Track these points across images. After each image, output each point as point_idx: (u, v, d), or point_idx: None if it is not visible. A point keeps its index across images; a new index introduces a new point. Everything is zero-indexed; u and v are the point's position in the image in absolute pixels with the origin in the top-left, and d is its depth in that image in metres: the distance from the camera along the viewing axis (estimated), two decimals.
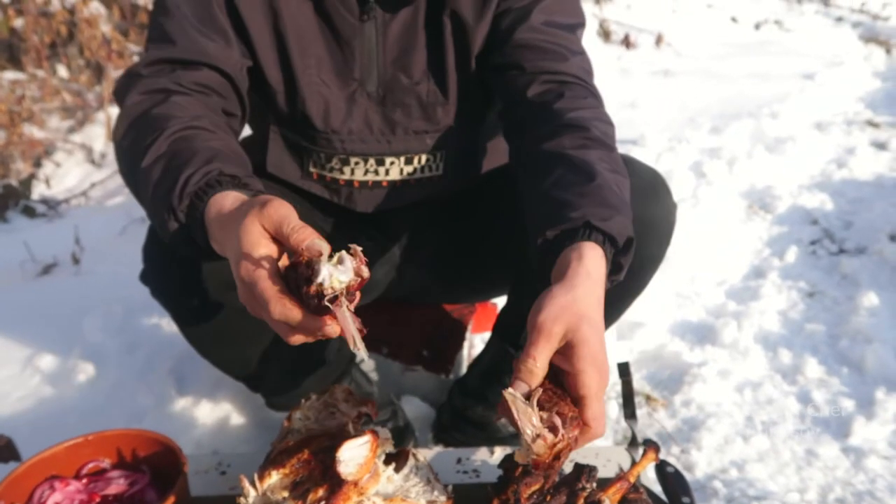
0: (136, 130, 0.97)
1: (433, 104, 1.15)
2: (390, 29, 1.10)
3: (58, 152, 3.14)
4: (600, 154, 0.98)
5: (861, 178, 2.89)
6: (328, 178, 1.20)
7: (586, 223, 0.87)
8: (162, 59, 1.02)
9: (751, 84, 3.96)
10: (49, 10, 3.23)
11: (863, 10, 5.87)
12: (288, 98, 1.12)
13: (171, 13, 1.04)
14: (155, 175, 0.89)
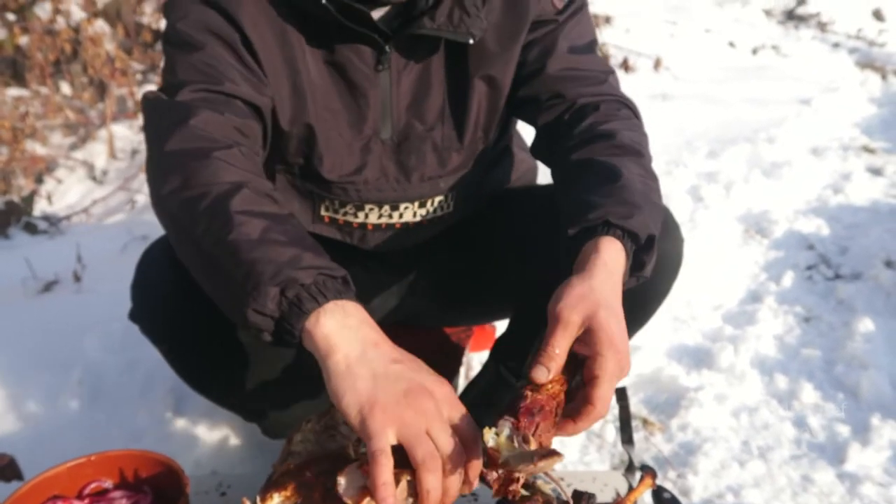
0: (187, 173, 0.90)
1: (448, 149, 1.16)
2: (404, 77, 1.10)
3: (59, 169, 3.16)
4: (629, 159, 1.01)
5: (857, 203, 2.92)
6: (341, 220, 1.20)
7: (605, 221, 0.90)
8: (205, 90, 0.98)
9: (748, 109, 4.00)
10: (54, 28, 3.26)
11: (859, 36, 5.93)
12: (303, 151, 1.11)
13: (197, 47, 1.01)
14: (253, 232, 0.84)
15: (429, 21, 1.03)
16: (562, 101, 1.12)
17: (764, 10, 6.36)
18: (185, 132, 0.93)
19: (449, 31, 1.04)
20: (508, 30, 1.10)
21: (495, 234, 1.29)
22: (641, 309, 1.22)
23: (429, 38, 1.06)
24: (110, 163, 3.17)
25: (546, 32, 1.13)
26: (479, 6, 1.05)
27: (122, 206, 2.86)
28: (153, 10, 3.54)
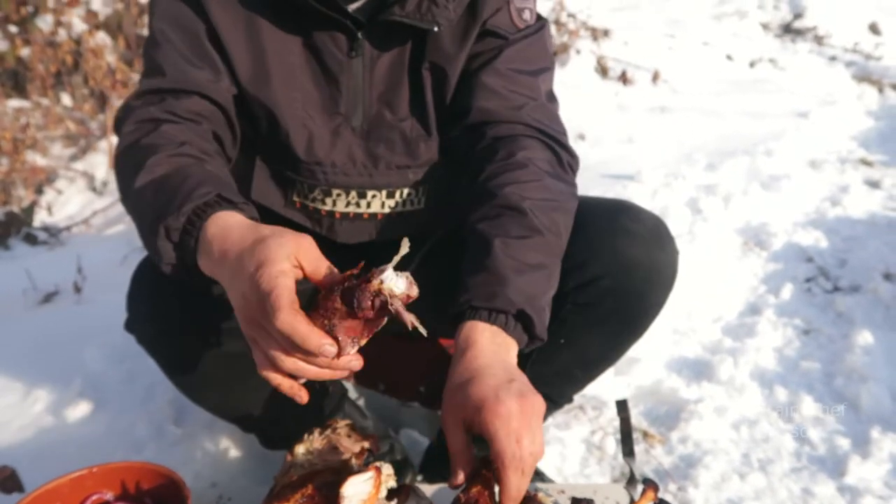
0: (128, 158, 1.01)
1: (416, 140, 1.17)
2: (377, 66, 1.12)
3: (59, 180, 3.17)
4: (507, 218, 1.02)
5: (855, 216, 2.93)
6: (311, 207, 1.21)
7: (470, 305, 0.96)
8: (153, 90, 1.06)
9: (746, 121, 4.02)
10: (55, 40, 3.28)
11: (856, 49, 5.97)
12: (272, 129, 1.14)
13: (160, 45, 1.08)
14: (148, 196, 0.93)
15: (398, 9, 1.07)
16: (476, 118, 1.13)
17: (761, 24, 6.40)
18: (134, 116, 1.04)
19: (416, 19, 1.07)
20: (461, 31, 1.13)
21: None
22: (635, 322, 1.23)
23: (400, 28, 1.09)
24: (110, 174, 3.18)
25: (493, 47, 1.14)
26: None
27: (121, 216, 2.86)
28: None
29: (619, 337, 1.24)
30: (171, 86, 1.06)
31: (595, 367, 1.32)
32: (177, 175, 0.93)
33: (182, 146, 0.99)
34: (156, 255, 0.90)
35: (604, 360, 1.31)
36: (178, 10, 1.08)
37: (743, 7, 6.59)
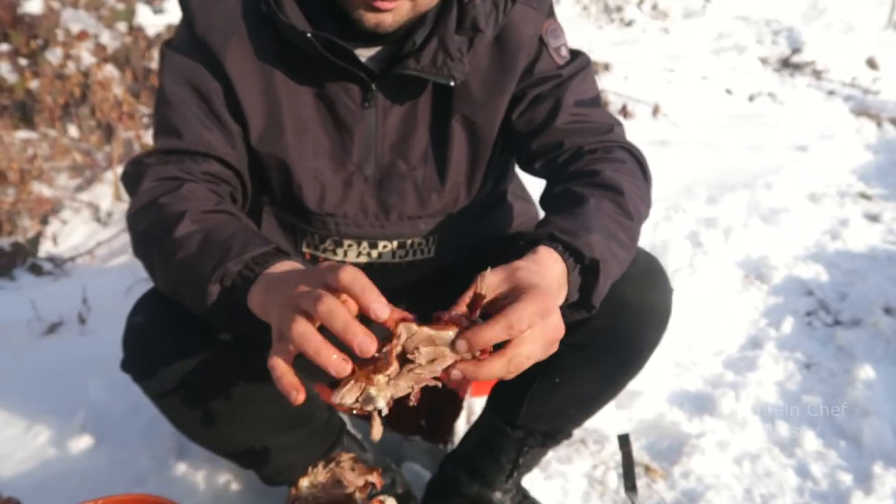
0: (151, 216, 1.01)
1: (428, 190, 1.18)
2: (390, 116, 1.13)
3: (65, 210, 3.19)
4: (602, 194, 1.02)
5: (855, 249, 2.94)
6: (321, 258, 1.22)
7: (550, 235, 0.91)
8: (170, 150, 1.07)
9: (745, 155, 4.05)
10: (64, 73, 3.33)
11: (854, 84, 6.03)
12: (283, 182, 1.15)
13: (174, 105, 1.09)
14: (192, 246, 0.93)
15: (413, 62, 1.07)
16: (564, 150, 1.14)
17: (760, 58, 6.48)
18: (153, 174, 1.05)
19: (431, 73, 1.08)
20: (494, 80, 1.14)
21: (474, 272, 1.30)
22: (629, 361, 1.24)
23: (415, 79, 1.10)
24: (115, 205, 3.20)
25: (552, 87, 1.16)
26: (463, 51, 1.08)
27: (125, 247, 2.88)
28: None
29: (613, 376, 1.25)
30: (188, 147, 1.07)
31: (591, 405, 1.32)
32: (224, 228, 0.94)
33: (218, 204, 1.00)
34: (199, 299, 0.90)
35: (600, 399, 1.31)
36: (191, 69, 1.09)
37: (741, 42, 6.69)
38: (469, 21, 1.08)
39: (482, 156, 1.19)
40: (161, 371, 1.08)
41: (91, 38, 3.34)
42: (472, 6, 1.08)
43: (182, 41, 1.11)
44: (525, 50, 1.14)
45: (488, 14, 1.09)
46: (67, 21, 3.28)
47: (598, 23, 6.75)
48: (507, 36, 1.14)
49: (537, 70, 1.15)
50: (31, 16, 3.20)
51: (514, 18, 1.13)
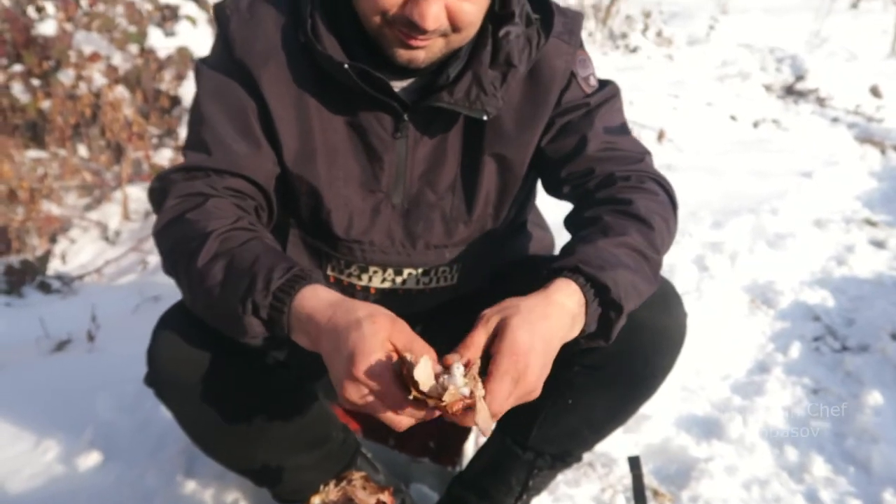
0: (176, 233, 1.02)
1: (455, 220, 1.19)
2: (421, 146, 1.14)
3: (73, 229, 3.21)
4: (632, 226, 1.04)
5: (861, 275, 2.94)
6: (345, 282, 1.23)
7: (574, 267, 0.94)
8: (197, 167, 1.08)
9: (750, 180, 4.06)
10: (76, 94, 3.36)
11: (857, 111, 6.06)
12: (313, 207, 1.16)
13: (206, 121, 1.10)
14: (217, 275, 0.95)
15: (447, 95, 1.08)
16: (594, 176, 1.16)
17: (764, 85, 6.52)
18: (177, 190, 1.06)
19: (465, 107, 1.09)
20: (527, 115, 1.15)
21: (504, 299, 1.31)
22: (642, 385, 1.24)
23: (447, 112, 1.11)
24: (123, 224, 3.22)
25: (581, 115, 1.17)
26: (496, 86, 1.09)
27: (133, 266, 2.90)
28: (172, 76, 3.64)
29: (626, 399, 1.25)
30: (215, 165, 1.08)
31: (603, 427, 1.32)
32: (246, 252, 0.96)
33: (237, 220, 1.02)
34: (238, 330, 0.93)
35: (612, 422, 1.31)
36: (227, 87, 1.11)
37: (745, 69, 6.73)
38: (503, 56, 1.09)
39: (511, 188, 1.21)
40: (183, 387, 1.09)
41: (103, 59, 3.38)
42: (506, 41, 1.09)
43: (219, 61, 1.13)
44: (558, 84, 1.16)
45: (521, 49, 1.11)
46: (80, 43, 3.32)
47: (604, 49, 6.80)
48: (541, 70, 1.15)
49: (566, 99, 1.17)
50: (45, 37, 3.24)
51: (548, 52, 1.15)
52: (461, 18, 1.00)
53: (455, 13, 0.99)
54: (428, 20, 0.96)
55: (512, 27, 1.09)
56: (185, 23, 3.69)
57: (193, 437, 1.17)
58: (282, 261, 0.93)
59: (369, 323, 0.83)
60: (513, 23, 1.09)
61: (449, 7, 0.98)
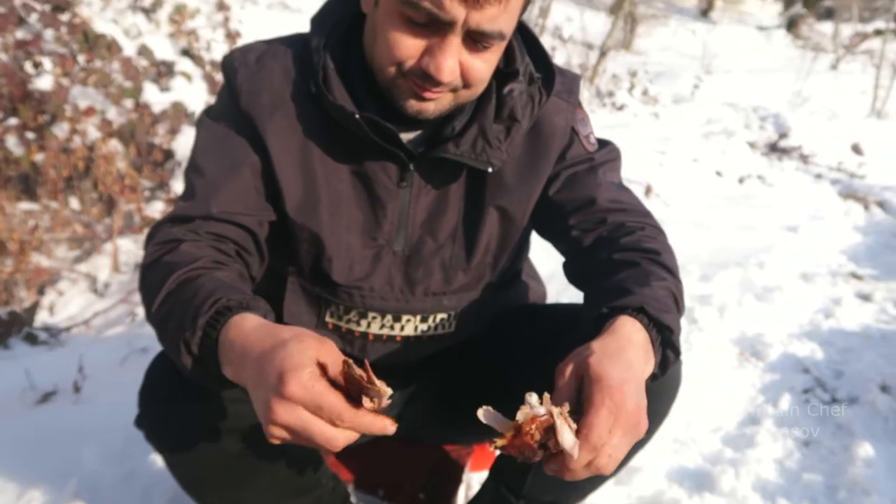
0: (145, 278, 1.05)
1: (455, 268, 1.21)
2: (424, 194, 1.16)
3: (62, 280, 3.20)
4: (667, 274, 1.08)
5: (848, 328, 2.96)
6: (343, 328, 1.23)
7: (640, 307, 0.96)
8: (183, 216, 1.09)
9: (737, 235, 4.11)
10: (69, 147, 3.39)
11: (840, 168, 6.18)
12: (314, 254, 1.17)
13: (202, 171, 1.12)
14: (164, 313, 0.96)
15: (453, 147, 1.11)
16: (607, 224, 1.18)
17: (748, 142, 6.65)
18: (158, 237, 1.07)
19: (470, 159, 1.12)
20: (527, 168, 1.18)
21: (500, 349, 1.32)
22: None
23: (452, 163, 1.14)
24: (113, 276, 3.22)
25: (586, 169, 1.21)
26: (501, 139, 1.13)
27: (122, 318, 2.88)
28: (166, 130, 3.69)
29: None
30: (202, 212, 1.09)
31: (599, 476, 1.31)
32: (188, 289, 0.96)
33: (196, 261, 1.01)
34: (182, 369, 0.93)
35: None
36: (228, 139, 1.12)
37: (730, 127, 6.88)
38: (507, 111, 1.13)
39: (511, 238, 1.23)
40: (173, 431, 1.08)
41: (98, 113, 3.42)
42: (510, 98, 1.12)
43: (224, 112, 1.14)
44: (558, 140, 1.20)
45: (524, 106, 1.14)
46: (76, 97, 3.37)
47: (591, 107, 6.94)
48: (541, 126, 1.19)
49: (570, 155, 1.21)
50: (41, 92, 3.29)
51: (548, 110, 1.19)
52: (473, 75, 1.03)
53: (468, 69, 1.02)
54: (444, 73, 0.98)
55: (516, 84, 1.13)
56: (181, 78, 3.75)
57: (181, 480, 1.15)
58: (216, 293, 0.91)
59: (296, 342, 0.80)
60: (517, 80, 1.13)
61: (463, 63, 1.01)
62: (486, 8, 0.94)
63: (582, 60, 7.52)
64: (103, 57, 3.62)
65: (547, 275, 1.64)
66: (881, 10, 14.79)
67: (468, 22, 0.95)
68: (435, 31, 0.97)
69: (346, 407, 0.77)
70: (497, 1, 0.94)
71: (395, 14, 0.98)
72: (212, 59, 4.14)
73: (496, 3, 0.94)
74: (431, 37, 0.98)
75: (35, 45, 3.37)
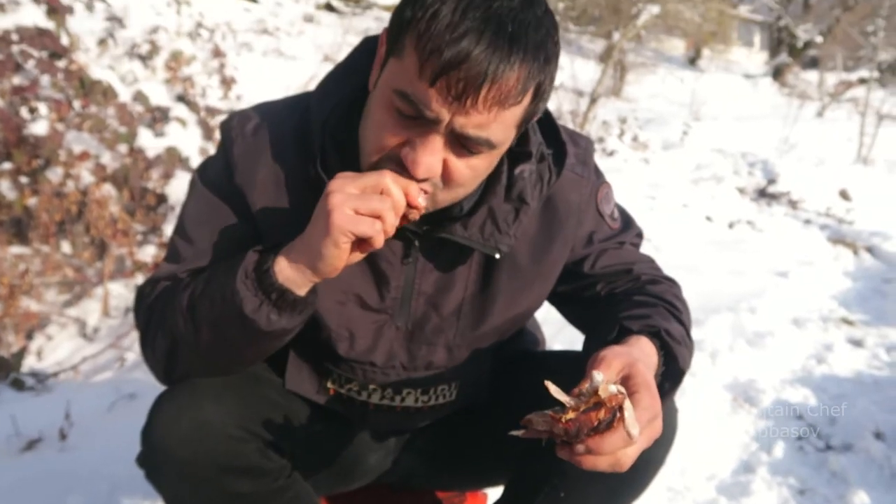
0: (147, 332, 1.09)
1: (459, 346, 1.20)
2: (429, 271, 1.14)
3: (51, 325, 3.17)
4: (685, 318, 1.15)
5: (841, 374, 2.96)
6: (345, 395, 1.22)
7: (658, 332, 1.02)
8: (167, 276, 1.10)
9: (728, 279, 4.13)
10: (63, 191, 3.40)
11: (828, 213, 6.25)
12: (314, 328, 1.15)
13: (189, 237, 1.12)
14: (198, 288, 1.03)
15: (461, 229, 1.08)
16: (637, 282, 1.23)
17: (737, 188, 6.73)
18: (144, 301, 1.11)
19: (478, 243, 1.09)
20: (542, 248, 1.17)
21: (499, 397, 1.31)
22: (638, 479, 1.22)
23: (458, 242, 1.10)
24: (103, 320, 3.20)
25: (615, 246, 1.24)
26: (509, 223, 1.10)
27: (111, 363, 2.86)
28: (159, 175, 3.71)
29: (618, 494, 1.24)
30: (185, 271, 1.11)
31: None
32: (202, 277, 1.03)
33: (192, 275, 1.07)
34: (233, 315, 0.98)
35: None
36: (219, 210, 1.11)
37: (719, 173, 6.96)
38: (516, 192, 1.10)
39: (522, 318, 1.23)
40: (176, 468, 1.06)
41: (92, 158, 3.44)
42: (521, 179, 1.10)
43: (217, 181, 1.13)
44: (574, 217, 1.19)
45: (534, 186, 1.12)
46: (70, 142, 3.39)
47: None
48: (556, 204, 1.17)
49: (597, 238, 1.22)
50: (36, 136, 3.30)
51: (562, 186, 1.17)
52: (453, 176, 0.97)
53: (449, 170, 0.97)
54: (419, 168, 0.94)
55: (527, 166, 1.10)
56: (175, 124, 3.78)
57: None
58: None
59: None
60: (529, 162, 1.10)
61: (446, 162, 0.96)
62: (472, 114, 0.89)
63: (573, 107, 7.62)
64: (99, 102, 3.65)
65: (540, 319, 1.64)
66: (864, 60, 15.13)
67: (453, 123, 0.91)
68: (420, 125, 0.93)
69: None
70: (486, 109, 0.89)
71: (386, 101, 0.95)
72: (207, 105, 4.18)
73: (484, 111, 0.89)
74: (416, 130, 0.94)
75: (32, 91, 3.40)
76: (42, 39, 3.42)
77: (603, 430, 0.83)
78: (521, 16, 0.89)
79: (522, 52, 0.88)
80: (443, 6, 0.88)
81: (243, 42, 7.96)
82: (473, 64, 0.86)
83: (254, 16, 9.67)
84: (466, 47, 0.86)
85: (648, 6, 8.22)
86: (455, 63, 0.86)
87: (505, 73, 0.87)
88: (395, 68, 0.94)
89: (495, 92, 0.88)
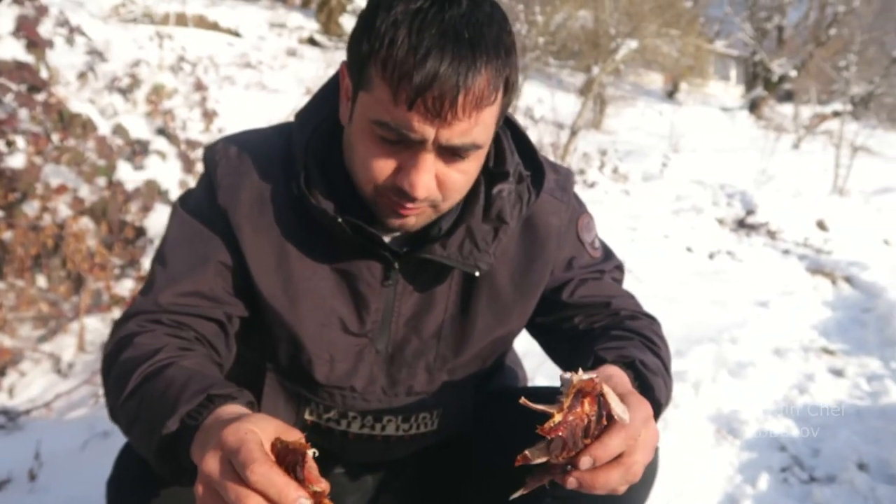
0: (108, 381, 1.02)
1: (439, 370, 1.18)
2: (409, 293, 1.13)
3: (24, 361, 3.11)
4: (664, 354, 1.16)
5: (823, 404, 2.96)
6: (323, 426, 1.19)
7: (632, 362, 1.01)
8: (143, 310, 1.06)
9: (710, 310, 4.15)
10: (39, 225, 3.36)
11: (806, 244, 6.31)
12: (292, 353, 1.13)
13: (168, 264, 1.09)
14: (130, 413, 0.93)
15: (440, 248, 1.07)
16: (616, 317, 1.22)
17: (717, 219, 6.80)
18: (115, 334, 1.05)
19: (458, 262, 1.08)
20: (522, 270, 1.17)
21: (479, 436, 1.28)
22: None
23: (438, 262, 1.10)
24: (78, 356, 3.14)
25: (596, 277, 1.23)
26: (489, 241, 1.09)
27: (85, 400, 2.79)
28: (138, 208, 3.68)
29: None
30: (160, 308, 1.06)
31: None
32: (157, 383, 0.91)
33: (157, 354, 0.97)
34: (156, 466, 0.89)
35: None
36: (200, 235, 1.09)
37: (698, 204, 7.04)
38: (495, 212, 1.10)
39: (503, 341, 1.21)
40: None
41: (69, 191, 3.41)
42: (499, 198, 1.10)
43: (199, 206, 1.11)
44: (554, 240, 1.18)
45: (513, 206, 1.12)
46: (48, 175, 3.36)
47: None
48: (535, 227, 1.17)
49: (577, 264, 1.22)
50: (13, 170, 3.27)
51: (541, 209, 1.17)
52: (450, 187, 0.99)
53: (444, 182, 0.98)
54: (418, 190, 0.95)
55: (505, 185, 1.10)
56: (155, 157, 3.77)
57: None
58: (192, 386, 0.88)
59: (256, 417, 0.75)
60: (506, 181, 1.10)
61: (439, 176, 0.97)
62: (454, 125, 0.90)
63: (553, 139, 7.70)
64: (78, 136, 3.63)
65: (521, 352, 1.63)
66: (838, 93, 15.45)
67: (439, 139, 0.92)
68: (407, 148, 0.94)
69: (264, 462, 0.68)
70: (466, 116, 0.90)
71: (368, 133, 0.95)
72: (187, 139, 4.17)
73: (465, 118, 0.91)
74: (404, 153, 0.95)
75: (9, 125, 3.38)
76: (21, 73, 3.40)
77: (596, 430, 0.80)
78: (473, 19, 0.90)
79: (485, 54, 0.90)
80: (397, 32, 0.89)
81: (226, 76, 7.99)
82: (444, 80, 0.87)
83: (237, 50, 9.74)
84: (433, 66, 0.87)
85: (627, 41, 8.37)
86: (427, 84, 0.87)
87: (475, 79, 0.89)
88: (368, 101, 0.94)
89: (471, 98, 0.90)
